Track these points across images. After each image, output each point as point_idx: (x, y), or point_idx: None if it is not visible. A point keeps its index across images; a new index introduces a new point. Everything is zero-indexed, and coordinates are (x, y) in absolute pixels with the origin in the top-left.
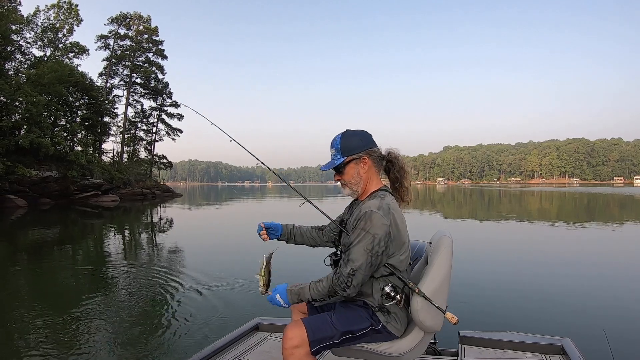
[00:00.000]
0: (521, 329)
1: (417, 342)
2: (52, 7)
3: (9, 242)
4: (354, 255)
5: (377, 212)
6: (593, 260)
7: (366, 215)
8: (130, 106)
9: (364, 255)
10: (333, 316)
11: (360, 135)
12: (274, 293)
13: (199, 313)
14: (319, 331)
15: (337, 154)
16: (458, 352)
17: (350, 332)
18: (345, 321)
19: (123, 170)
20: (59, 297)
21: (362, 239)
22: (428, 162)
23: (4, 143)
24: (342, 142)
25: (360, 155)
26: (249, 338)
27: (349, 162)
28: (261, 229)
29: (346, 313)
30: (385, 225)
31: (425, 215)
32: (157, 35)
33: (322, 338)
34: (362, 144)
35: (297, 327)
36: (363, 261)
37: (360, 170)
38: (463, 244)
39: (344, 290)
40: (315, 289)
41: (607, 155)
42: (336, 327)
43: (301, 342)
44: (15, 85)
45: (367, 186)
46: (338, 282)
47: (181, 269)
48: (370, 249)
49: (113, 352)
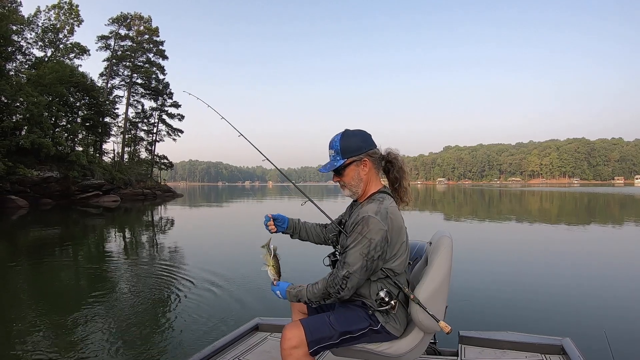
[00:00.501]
0: (521, 329)
1: (417, 343)
2: (52, 7)
3: (11, 242)
4: (349, 258)
5: (374, 217)
6: (593, 260)
7: (363, 220)
8: (131, 106)
9: (360, 259)
10: (331, 316)
11: (361, 135)
12: (277, 288)
13: (199, 313)
14: (317, 332)
15: (336, 155)
16: (458, 352)
17: (348, 332)
18: (343, 321)
19: (124, 170)
20: (59, 297)
21: (358, 243)
22: (428, 162)
23: (5, 143)
24: (342, 143)
25: (361, 157)
26: (249, 338)
27: (349, 164)
28: (268, 220)
29: (345, 313)
30: (383, 230)
31: (426, 215)
32: (158, 35)
33: (320, 338)
34: (362, 145)
35: (295, 328)
36: (358, 265)
37: (361, 172)
38: (463, 244)
39: (337, 292)
40: (311, 291)
41: (607, 155)
42: (334, 328)
43: (299, 342)
44: (17, 85)
45: (367, 187)
46: (332, 284)
47: (181, 269)
48: (366, 254)
49: (113, 351)
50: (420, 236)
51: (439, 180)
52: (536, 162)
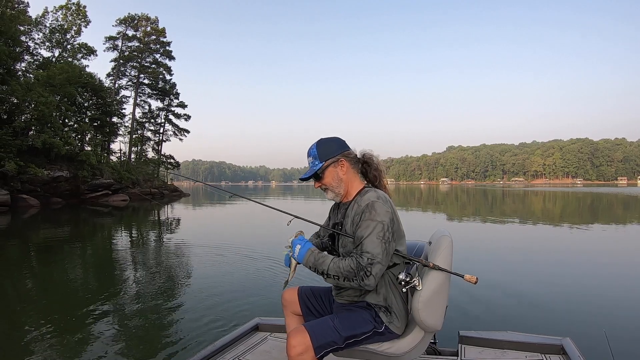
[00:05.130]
0: (521, 328)
1: (417, 342)
2: (60, 8)
3: (24, 239)
4: (367, 246)
5: (377, 201)
6: (593, 259)
7: (369, 206)
8: (138, 106)
9: (379, 243)
10: (335, 320)
11: (335, 140)
12: (296, 244)
13: (199, 313)
14: (322, 337)
15: (315, 160)
16: (458, 352)
17: (353, 336)
18: (348, 325)
19: (131, 170)
20: (64, 296)
21: (372, 229)
22: (431, 162)
23: (16, 143)
24: (318, 149)
25: (337, 157)
26: (249, 338)
27: (327, 167)
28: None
29: (349, 317)
30: (389, 212)
31: (429, 215)
32: (165, 36)
33: (326, 344)
34: (337, 147)
35: (300, 334)
36: (380, 249)
37: (339, 172)
38: (464, 243)
39: (362, 279)
40: (336, 264)
41: (610, 156)
42: (339, 332)
43: (305, 348)
44: (26, 85)
45: (349, 188)
46: (358, 269)
47: (185, 268)
48: (382, 236)
49: (113, 351)
50: (420, 236)
51: (442, 181)
52: (539, 162)
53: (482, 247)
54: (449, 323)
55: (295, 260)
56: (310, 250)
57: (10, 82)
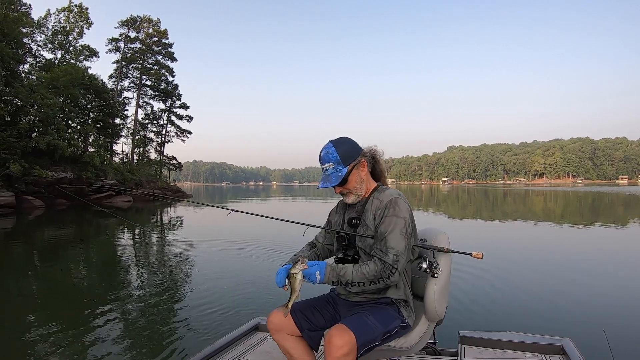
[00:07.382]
0: (521, 329)
1: (423, 333)
2: (62, 10)
3: (29, 241)
4: (392, 242)
5: (400, 198)
6: (594, 259)
7: (392, 202)
8: (141, 108)
9: (402, 239)
10: (370, 317)
11: (350, 141)
12: (312, 269)
13: (199, 313)
14: (365, 335)
15: (338, 165)
16: (458, 352)
17: (388, 332)
18: (383, 321)
19: (134, 171)
20: (66, 295)
21: (395, 225)
22: (432, 162)
23: (21, 145)
24: (340, 153)
25: (359, 159)
26: (249, 338)
27: (351, 170)
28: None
29: (381, 312)
30: (409, 208)
31: (430, 215)
32: (167, 38)
33: (368, 341)
34: (356, 149)
35: (345, 334)
36: (403, 245)
37: (361, 173)
38: (464, 243)
39: (388, 277)
40: (359, 271)
41: (611, 155)
42: (378, 328)
43: (351, 348)
44: (30, 87)
45: (367, 186)
46: (383, 269)
47: (185, 269)
48: (405, 232)
49: (112, 351)
50: None
51: (443, 180)
52: (540, 161)
53: (482, 247)
54: (449, 323)
55: (319, 282)
56: (328, 267)
57: (14, 84)
